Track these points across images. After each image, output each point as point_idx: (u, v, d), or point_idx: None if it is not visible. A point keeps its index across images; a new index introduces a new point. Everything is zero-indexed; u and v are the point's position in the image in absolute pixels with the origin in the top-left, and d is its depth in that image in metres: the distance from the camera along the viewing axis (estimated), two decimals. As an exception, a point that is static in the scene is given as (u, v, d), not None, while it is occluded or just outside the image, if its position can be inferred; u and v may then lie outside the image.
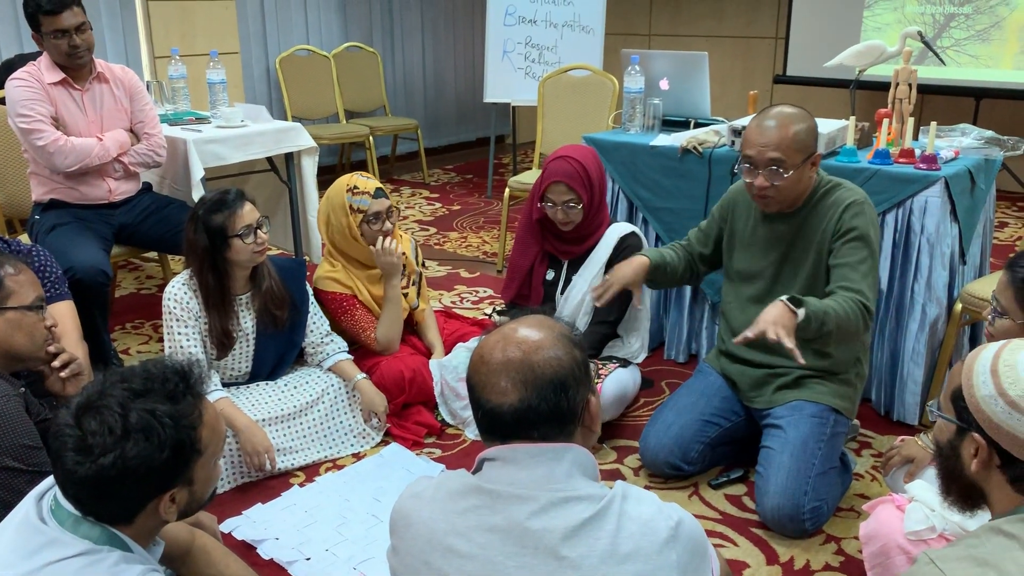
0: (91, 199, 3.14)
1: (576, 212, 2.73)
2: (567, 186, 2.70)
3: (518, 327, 1.30)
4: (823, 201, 2.31)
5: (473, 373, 1.29)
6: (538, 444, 1.24)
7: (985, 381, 1.23)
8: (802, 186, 2.28)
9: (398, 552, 1.29)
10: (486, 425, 1.27)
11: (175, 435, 1.25)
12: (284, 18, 6.12)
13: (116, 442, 1.21)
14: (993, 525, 1.22)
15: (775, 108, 2.27)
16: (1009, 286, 1.80)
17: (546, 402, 1.23)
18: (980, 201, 2.86)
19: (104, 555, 1.23)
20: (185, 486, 1.32)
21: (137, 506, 1.27)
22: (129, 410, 1.23)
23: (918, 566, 1.21)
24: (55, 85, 3.06)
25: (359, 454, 2.66)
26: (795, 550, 2.18)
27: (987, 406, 1.22)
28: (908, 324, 2.71)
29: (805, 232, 2.32)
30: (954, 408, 1.28)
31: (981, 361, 1.26)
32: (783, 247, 2.37)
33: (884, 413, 2.83)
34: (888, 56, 3.20)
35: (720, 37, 6.75)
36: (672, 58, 3.51)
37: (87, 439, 1.22)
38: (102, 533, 1.27)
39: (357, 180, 2.82)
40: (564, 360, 1.26)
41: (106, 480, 1.21)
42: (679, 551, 1.20)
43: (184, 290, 2.54)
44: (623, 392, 2.75)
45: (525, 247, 2.92)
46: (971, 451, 1.25)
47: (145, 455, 1.22)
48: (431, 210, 5.64)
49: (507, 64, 5.91)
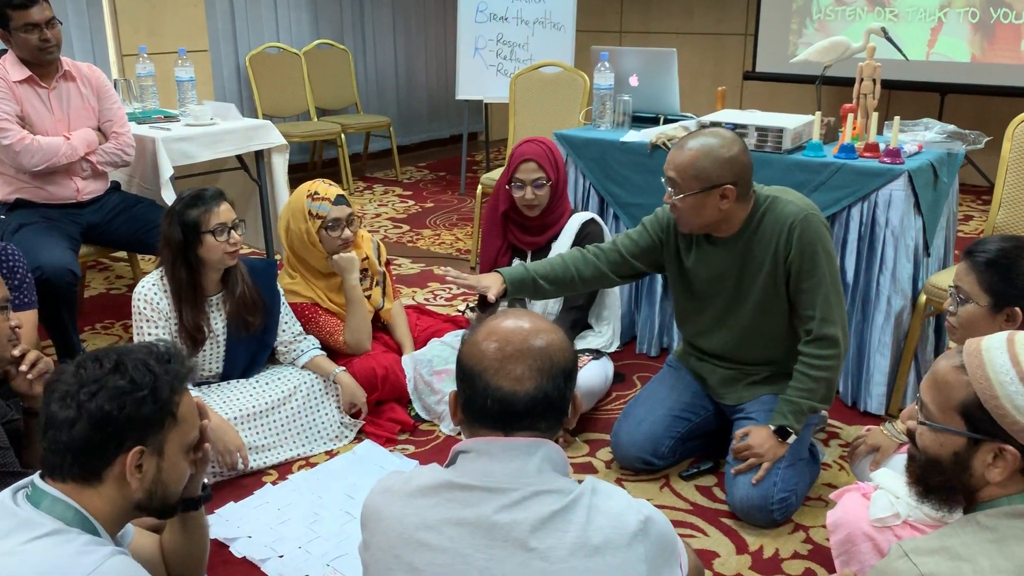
0: (58, 198, 3.11)
1: (544, 193, 2.81)
2: (536, 163, 2.79)
3: (517, 318, 1.31)
4: (763, 223, 2.23)
5: (476, 361, 1.27)
6: (515, 439, 1.25)
7: (1019, 391, 1.18)
8: (706, 216, 2.19)
9: (369, 547, 1.29)
10: (494, 413, 1.25)
11: (156, 382, 1.33)
12: (254, 15, 6.08)
13: (103, 375, 1.30)
14: (970, 517, 1.22)
15: (704, 133, 2.21)
16: (971, 271, 1.84)
17: (558, 391, 1.26)
18: (943, 194, 2.92)
19: (74, 535, 1.24)
20: (155, 454, 1.34)
21: (109, 454, 1.30)
22: (123, 355, 1.34)
23: (891, 558, 1.21)
24: (21, 83, 3.02)
25: (332, 452, 2.66)
26: (764, 539, 2.21)
27: None
28: (874, 316, 2.75)
29: (751, 258, 2.26)
30: (965, 420, 1.23)
31: (1000, 371, 1.21)
32: (733, 275, 2.30)
33: (851, 404, 2.87)
34: (853, 52, 3.25)
35: (690, 34, 6.80)
36: (641, 55, 3.54)
37: (80, 373, 1.31)
38: (75, 515, 1.28)
39: (319, 186, 2.80)
40: (571, 353, 1.30)
41: (84, 418, 1.28)
42: (648, 545, 1.22)
43: (154, 290, 2.53)
44: (597, 386, 2.78)
45: (490, 240, 2.98)
46: (987, 460, 1.21)
47: (126, 391, 1.30)
48: (404, 208, 5.63)
49: (479, 61, 5.91)
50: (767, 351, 2.36)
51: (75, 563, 1.19)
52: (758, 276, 2.27)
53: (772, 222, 2.22)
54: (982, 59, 5.37)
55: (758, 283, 2.28)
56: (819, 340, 2.20)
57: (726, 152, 2.15)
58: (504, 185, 2.87)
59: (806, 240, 2.18)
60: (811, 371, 2.21)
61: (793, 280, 2.23)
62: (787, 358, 2.32)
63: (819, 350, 2.20)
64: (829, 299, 2.20)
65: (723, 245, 2.29)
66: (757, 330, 2.34)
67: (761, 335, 2.34)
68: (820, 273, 2.19)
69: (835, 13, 5.82)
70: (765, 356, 2.38)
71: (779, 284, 2.26)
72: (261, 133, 3.65)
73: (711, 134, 2.20)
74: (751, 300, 2.31)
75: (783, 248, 2.21)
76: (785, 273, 2.24)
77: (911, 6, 5.53)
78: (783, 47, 5.97)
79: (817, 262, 2.19)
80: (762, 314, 2.31)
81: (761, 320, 2.32)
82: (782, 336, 2.33)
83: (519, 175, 2.80)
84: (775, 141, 2.85)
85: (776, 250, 2.22)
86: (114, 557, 1.23)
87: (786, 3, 6.00)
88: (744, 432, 2.27)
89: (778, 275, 2.25)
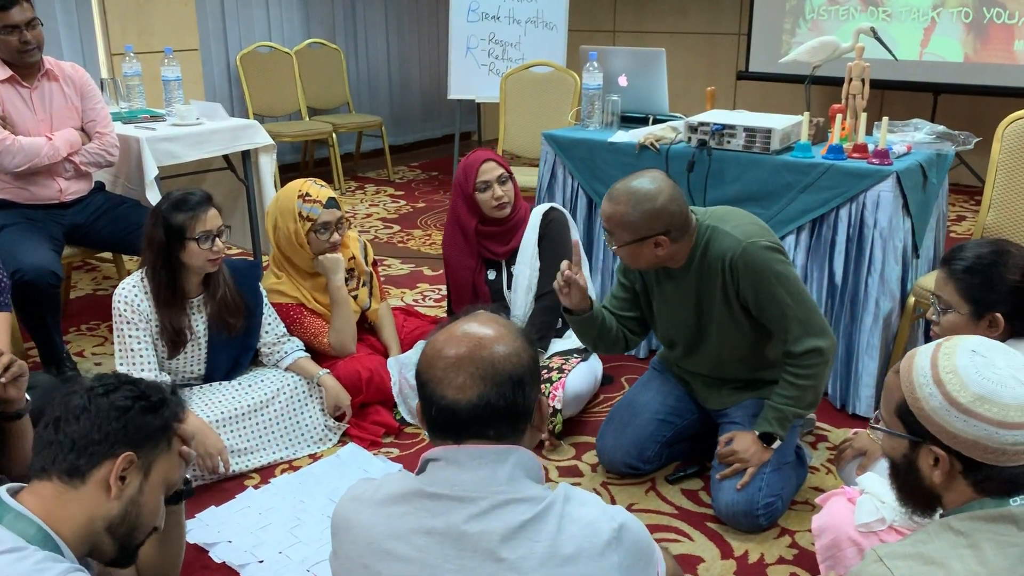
0: (41, 199, 3.08)
1: (509, 187, 2.86)
2: (494, 161, 2.86)
3: (474, 322, 1.27)
4: (706, 255, 2.20)
5: (426, 368, 1.25)
6: (483, 446, 1.22)
7: (932, 393, 1.21)
8: (646, 260, 2.17)
9: (338, 556, 1.27)
10: (440, 423, 1.23)
11: (164, 401, 1.42)
12: (245, 14, 6.05)
13: (120, 383, 1.41)
14: (944, 522, 1.22)
15: (635, 179, 2.14)
16: (949, 280, 1.82)
17: (504, 399, 1.21)
18: (932, 195, 2.90)
19: (30, 553, 1.22)
20: (141, 471, 1.37)
21: (102, 454, 1.33)
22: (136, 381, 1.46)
23: (866, 563, 1.21)
24: (2, 83, 3.00)
25: (316, 455, 2.64)
26: (750, 544, 2.19)
27: (939, 417, 1.20)
28: (862, 318, 2.73)
29: (703, 288, 2.25)
30: (903, 423, 1.26)
31: (919, 372, 1.23)
32: (691, 306, 2.30)
33: (840, 406, 2.85)
34: (842, 52, 3.22)
35: (684, 33, 6.78)
36: (630, 54, 3.52)
37: (100, 377, 1.43)
38: (37, 532, 1.27)
39: (310, 187, 2.78)
40: (523, 357, 1.25)
41: (92, 411, 1.35)
42: (622, 553, 1.19)
43: (135, 292, 2.50)
44: (585, 389, 2.75)
45: (460, 265, 2.95)
46: (930, 462, 1.23)
47: (138, 396, 1.39)
48: (395, 207, 5.60)
49: (471, 61, 5.89)
50: (743, 366, 2.35)
51: None
52: (713, 306, 2.25)
53: (712, 257, 2.19)
54: (975, 59, 5.35)
55: (715, 312, 2.26)
56: (801, 355, 2.17)
57: (652, 204, 2.09)
58: (467, 199, 2.86)
59: (750, 271, 2.14)
60: (796, 379, 2.19)
61: (754, 310, 2.21)
62: (764, 367, 2.31)
63: (802, 360, 2.18)
64: (799, 318, 2.15)
65: (678, 276, 2.28)
66: (727, 353, 2.33)
67: (732, 357, 2.33)
68: (777, 297, 2.15)
69: (828, 13, 5.81)
70: (742, 371, 2.36)
71: (736, 313, 2.24)
72: (248, 133, 3.63)
73: (640, 181, 2.13)
74: (713, 329, 2.29)
75: (730, 283, 2.19)
76: (741, 304, 2.22)
77: (904, 6, 5.51)
78: (776, 47, 5.95)
79: (770, 289, 2.15)
80: (727, 339, 2.29)
81: (728, 345, 2.30)
82: (753, 352, 2.31)
83: (483, 177, 2.82)
84: (763, 142, 2.83)
85: (724, 284, 2.20)
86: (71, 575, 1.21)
87: (779, 3, 5.98)
88: (729, 437, 2.25)
89: (733, 306, 2.23)
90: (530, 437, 1.29)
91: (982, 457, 1.19)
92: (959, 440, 1.19)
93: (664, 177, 2.17)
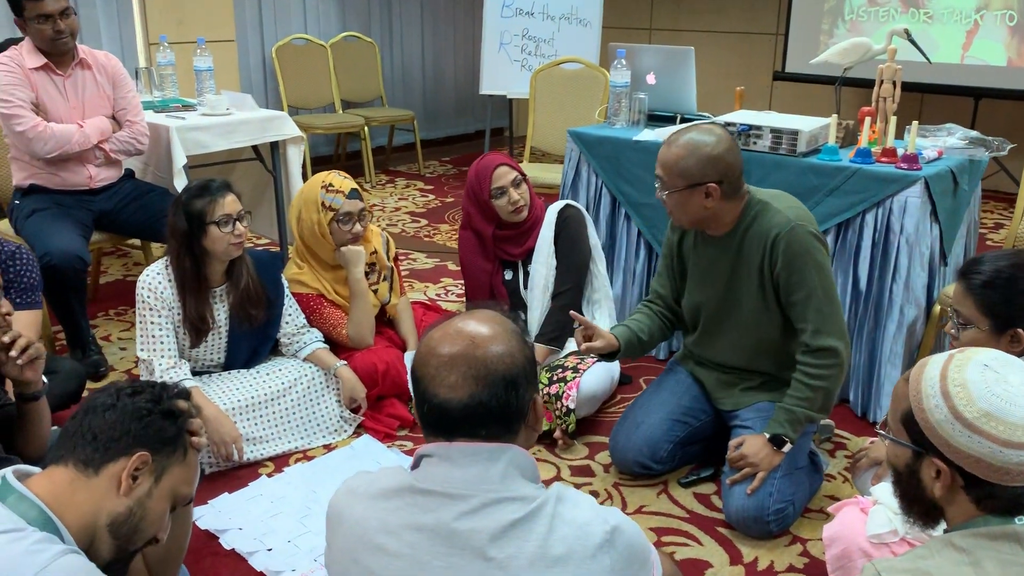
0: (71, 185, 3.13)
1: (524, 189, 2.84)
2: (507, 166, 2.83)
3: (469, 320, 1.26)
4: (753, 227, 2.20)
5: (420, 365, 1.24)
6: (477, 443, 1.21)
7: (938, 405, 1.18)
8: (693, 212, 2.18)
9: (331, 548, 1.28)
10: (432, 420, 1.23)
11: (173, 407, 1.45)
12: (281, 6, 6.10)
13: (149, 387, 1.46)
14: (946, 538, 1.19)
15: (693, 130, 2.18)
16: (967, 295, 1.77)
17: (496, 399, 1.20)
18: (963, 202, 2.84)
19: (28, 534, 1.24)
20: (153, 474, 1.38)
21: (119, 451, 1.36)
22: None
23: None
24: (37, 70, 3.05)
25: (331, 445, 2.65)
26: (760, 551, 2.16)
27: (943, 430, 1.17)
28: (886, 325, 2.68)
29: (741, 260, 2.24)
30: (907, 432, 1.23)
31: (928, 382, 1.20)
32: (724, 277, 2.29)
33: (861, 414, 2.81)
34: (875, 54, 3.16)
35: (721, 32, 6.71)
36: (659, 52, 3.49)
37: (132, 381, 1.50)
38: (38, 515, 1.28)
39: (333, 178, 2.81)
40: (517, 357, 1.23)
41: (119, 408, 1.39)
42: (614, 557, 1.18)
43: (158, 279, 2.53)
44: (600, 389, 2.73)
45: (476, 268, 2.95)
46: (932, 474, 1.20)
47: (161, 401, 1.44)
48: (424, 202, 5.62)
49: (503, 56, 5.89)
50: (763, 360, 2.32)
51: (23, 561, 1.18)
52: (749, 282, 2.24)
53: (759, 230, 2.19)
54: (1019, 63, 5.22)
55: (745, 289, 2.25)
56: (816, 351, 2.16)
57: (711, 150, 2.12)
58: (482, 206, 2.85)
59: (791, 253, 2.14)
60: (808, 380, 2.16)
61: (783, 293, 2.19)
62: (784, 368, 2.27)
63: (816, 359, 2.16)
64: (822, 310, 2.14)
65: (717, 244, 2.28)
66: (751, 337, 2.30)
67: (755, 343, 2.30)
68: (810, 285, 2.14)
69: (867, 14, 5.71)
70: (761, 365, 2.33)
71: (769, 297, 2.23)
72: (276, 124, 3.65)
73: (700, 131, 2.17)
74: (743, 306, 2.28)
75: (768, 260, 2.18)
76: (773, 286, 2.20)
77: (946, 8, 5.40)
78: (814, 48, 5.85)
79: (805, 275, 2.14)
80: (756, 324, 2.27)
81: (754, 328, 2.28)
82: (777, 347, 2.28)
83: (497, 184, 2.80)
84: (789, 143, 2.79)
85: (762, 261, 2.19)
86: (66, 556, 1.22)
87: (818, 3, 5.89)
88: (739, 441, 2.23)
89: (766, 287, 2.22)
90: (525, 437, 1.27)
91: (985, 475, 1.16)
92: (961, 455, 1.16)
93: (724, 131, 2.20)
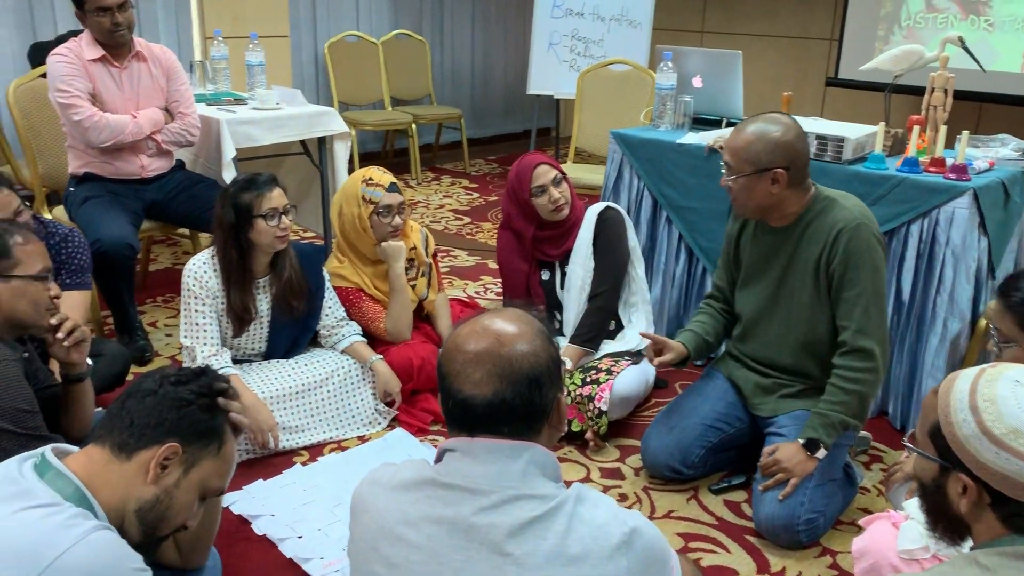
0: (124, 174, 3.22)
1: (565, 188, 2.83)
2: (547, 164, 2.81)
3: (496, 318, 1.28)
4: (817, 221, 2.22)
5: (446, 361, 1.26)
6: (499, 440, 1.23)
7: (966, 419, 1.16)
8: (758, 199, 2.20)
9: (353, 537, 1.30)
10: (456, 416, 1.25)
11: (212, 400, 1.46)
12: (335, 3, 6.18)
13: (194, 378, 1.47)
14: (971, 555, 1.17)
15: (763, 118, 2.21)
16: (1006, 312, 1.74)
17: (520, 398, 1.21)
18: (1015, 215, 2.77)
19: (63, 509, 1.27)
20: (183, 464, 1.39)
21: (153, 439, 1.38)
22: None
23: None
24: (94, 62, 3.14)
25: (365, 437, 2.69)
26: (788, 561, 2.14)
27: (971, 445, 1.15)
28: (928, 338, 2.63)
29: (800, 254, 2.25)
30: (934, 446, 1.21)
31: (957, 396, 1.18)
32: (780, 268, 2.31)
33: (900, 427, 2.76)
34: (927, 61, 3.10)
35: (774, 36, 6.62)
36: (707, 56, 3.47)
37: (179, 370, 1.50)
38: (75, 492, 1.31)
39: (373, 172, 2.86)
40: (541, 356, 1.24)
41: (159, 396, 1.41)
42: (631, 559, 1.18)
43: (204, 268, 2.59)
44: (634, 392, 2.73)
45: (513, 269, 2.95)
46: (958, 490, 1.18)
47: (203, 395, 1.44)
48: (468, 200, 5.65)
49: (552, 56, 5.89)
50: (807, 360, 2.30)
51: (57, 536, 1.21)
52: (804, 275, 2.25)
53: (824, 224, 2.21)
54: (1082, 73, 5.08)
55: (804, 282, 2.26)
56: (854, 352, 2.15)
57: (780, 136, 2.15)
58: (523, 206, 2.85)
59: (852, 249, 2.15)
60: (845, 383, 2.14)
61: (835, 288, 2.20)
62: (825, 374, 2.24)
63: (854, 362, 2.14)
64: (869, 311, 2.15)
65: (777, 235, 2.30)
66: (800, 332, 2.29)
67: (803, 340, 2.29)
68: (863, 284, 2.15)
69: (925, 20, 5.59)
70: (805, 365, 2.31)
71: (822, 292, 2.23)
72: (324, 120, 3.71)
73: (769, 119, 2.20)
74: (795, 299, 2.29)
75: (828, 253, 2.19)
76: (828, 280, 2.21)
77: (1008, 15, 5.26)
78: (868, 54, 5.74)
79: (861, 273, 2.15)
80: (806, 319, 2.27)
81: (804, 324, 2.27)
82: (824, 349, 2.26)
83: (537, 182, 2.79)
84: (835, 150, 2.75)
85: (822, 254, 2.20)
86: (98, 532, 1.25)
87: (874, 8, 5.78)
88: (773, 448, 2.21)
89: (820, 282, 2.22)
90: (548, 436, 1.28)
91: (1011, 492, 1.13)
92: (988, 472, 1.14)
93: (792, 119, 2.23)
